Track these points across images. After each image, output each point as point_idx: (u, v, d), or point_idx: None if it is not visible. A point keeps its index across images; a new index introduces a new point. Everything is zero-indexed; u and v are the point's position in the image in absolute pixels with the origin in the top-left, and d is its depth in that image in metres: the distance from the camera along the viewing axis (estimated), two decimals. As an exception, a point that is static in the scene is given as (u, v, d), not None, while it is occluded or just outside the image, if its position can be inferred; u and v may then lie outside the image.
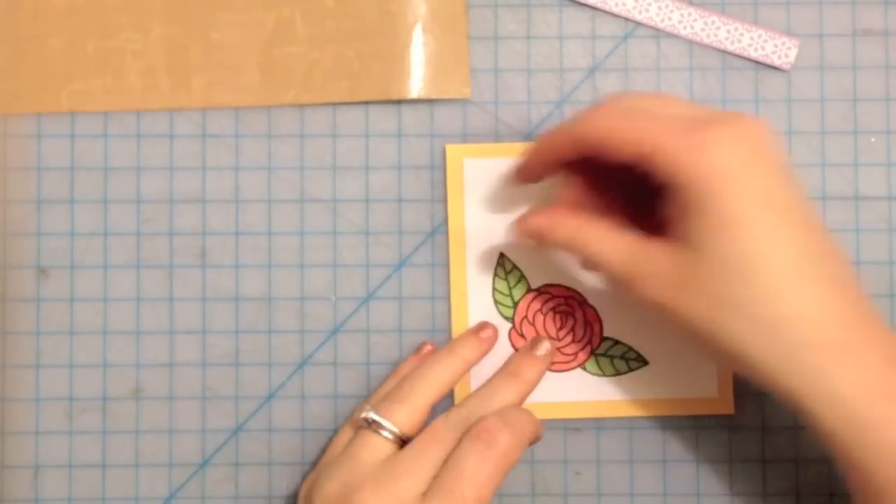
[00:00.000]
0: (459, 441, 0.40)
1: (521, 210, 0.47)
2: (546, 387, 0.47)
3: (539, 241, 0.42)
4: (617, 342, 0.47)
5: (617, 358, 0.47)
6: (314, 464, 0.47)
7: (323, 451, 0.47)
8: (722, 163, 0.36)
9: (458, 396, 0.47)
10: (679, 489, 0.47)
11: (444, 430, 0.41)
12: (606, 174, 0.41)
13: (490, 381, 0.44)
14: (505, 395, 0.43)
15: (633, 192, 0.41)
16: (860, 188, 0.48)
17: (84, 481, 0.47)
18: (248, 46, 0.48)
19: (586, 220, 0.41)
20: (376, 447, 0.41)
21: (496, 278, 0.47)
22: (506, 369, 0.45)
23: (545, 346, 0.45)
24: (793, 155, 0.48)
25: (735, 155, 0.36)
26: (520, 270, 0.47)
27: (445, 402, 0.46)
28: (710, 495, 0.47)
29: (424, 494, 0.39)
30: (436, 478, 0.39)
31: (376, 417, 0.41)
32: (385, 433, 0.41)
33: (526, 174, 0.44)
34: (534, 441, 0.42)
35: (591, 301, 0.47)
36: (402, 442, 0.41)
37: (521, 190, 0.47)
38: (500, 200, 0.48)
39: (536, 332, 0.47)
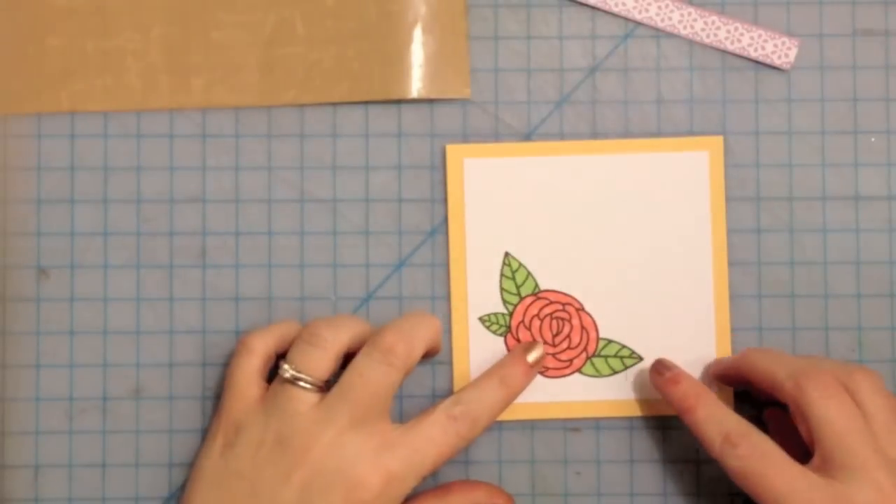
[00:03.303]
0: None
1: (522, 210, 0.47)
2: (543, 389, 0.47)
3: (681, 413, 0.44)
4: (610, 341, 0.47)
5: (611, 357, 0.47)
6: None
7: None
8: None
9: (458, 386, 0.47)
10: (679, 489, 0.47)
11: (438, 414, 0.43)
12: None
13: (480, 380, 0.45)
14: (493, 396, 0.44)
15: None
16: (860, 188, 0.48)
17: (84, 481, 0.47)
18: (248, 46, 0.48)
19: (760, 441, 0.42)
20: (301, 398, 0.43)
21: (503, 278, 0.47)
22: (497, 372, 0.45)
23: (537, 353, 0.46)
24: (793, 155, 0.48)
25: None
26: (526, 269, 0.47)
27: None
28: (710, 495, 0.47)
29: (387, 445, 0.42)
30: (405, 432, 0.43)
31: (294, 374, 0.43)
32: (304, 384, 0.43)
33: (721, 377, 0.47)
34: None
35: (587, 307, 0.47)
36: (323, 387, 0.43)
37: (521, 190, 0.47)
38: (500, 200, 0.48)
39: (532, 337, 0.47)
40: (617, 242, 0.47)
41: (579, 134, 0.48)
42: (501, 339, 0.47)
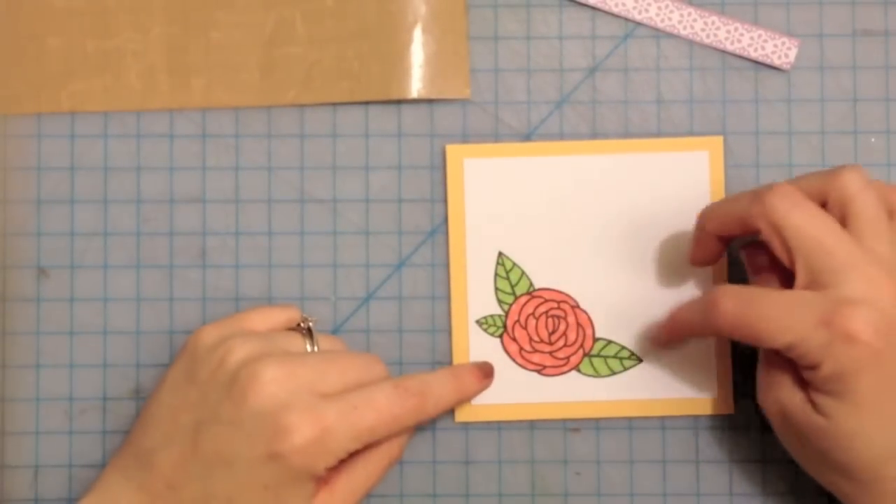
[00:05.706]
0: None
1: (521, 210, 0.47)
2: (542, 389, 0.47)
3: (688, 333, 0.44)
4: (609, 342, 0.47)
5: (611, 357, 0.47)
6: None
7: None
8: (856, 359, 0.38)
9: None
10: (679, 489, 0.47)
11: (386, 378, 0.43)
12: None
13: (434, 370, 0.45)
14: (444, 385, 0.44)
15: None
16: (860, 188, 0.48)
17: (84, 481, 0.47)
18: (248, 46, 0.48)
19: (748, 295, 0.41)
20: (298, 341, 0.44)
21: (497, 277, 0.47)
22: (451, 368, 0.46)
23: (489, 369, 0.47)
24: (793, 155, 0.48)
25: (869, 347, 0.38)
26: (521, 269, 0.47)
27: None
28: (711, 495, 0.47)
29: (325, 396, 0.41)
30: (345, 391, 0.41)
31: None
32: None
33: (698, 254, 0.45)
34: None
35: (583, 305, 0.47)
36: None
37: (521, 190, 0.47)
38: (500, 200, 0.48)
39: (528, 336, 0.47)
40: (616, 242, 0.47)
41: (579, 134, 0.48)
42: (498, 340, 0.47)
